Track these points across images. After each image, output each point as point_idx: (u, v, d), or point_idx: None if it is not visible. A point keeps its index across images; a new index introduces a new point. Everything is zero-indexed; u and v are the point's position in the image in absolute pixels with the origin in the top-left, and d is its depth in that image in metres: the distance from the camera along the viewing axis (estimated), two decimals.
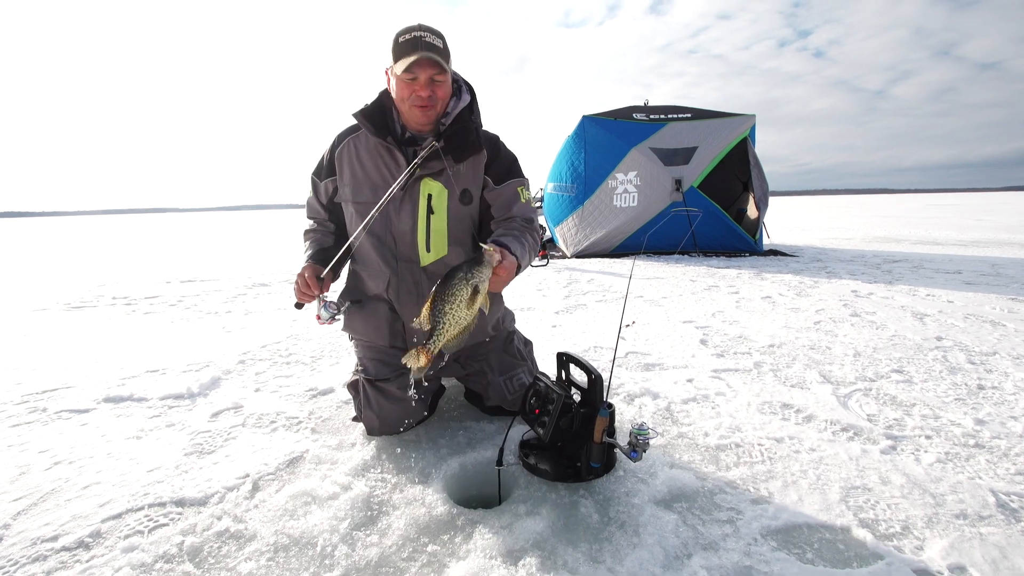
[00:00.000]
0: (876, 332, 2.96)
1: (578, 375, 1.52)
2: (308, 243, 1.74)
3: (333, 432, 1.80)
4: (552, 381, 1.54)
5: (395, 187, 1.52)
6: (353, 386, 1.73)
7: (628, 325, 2.46)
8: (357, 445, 1.68)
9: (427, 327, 1.23)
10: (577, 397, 1.52)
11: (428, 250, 1.63)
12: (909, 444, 1.64)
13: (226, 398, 2.14)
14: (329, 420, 1.90)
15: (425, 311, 1.22)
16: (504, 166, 1.63)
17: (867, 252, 7.12)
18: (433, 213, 1.61)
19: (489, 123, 1.73)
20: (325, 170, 1.70)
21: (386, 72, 1.53)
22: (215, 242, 12.62)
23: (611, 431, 1.39)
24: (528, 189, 1.70)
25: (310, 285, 1.52)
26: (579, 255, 6.96)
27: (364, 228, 1.54)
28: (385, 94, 1.60)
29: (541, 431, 1.42)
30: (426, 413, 1.77)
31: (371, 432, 1.67)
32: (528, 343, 1.94)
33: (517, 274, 1.41)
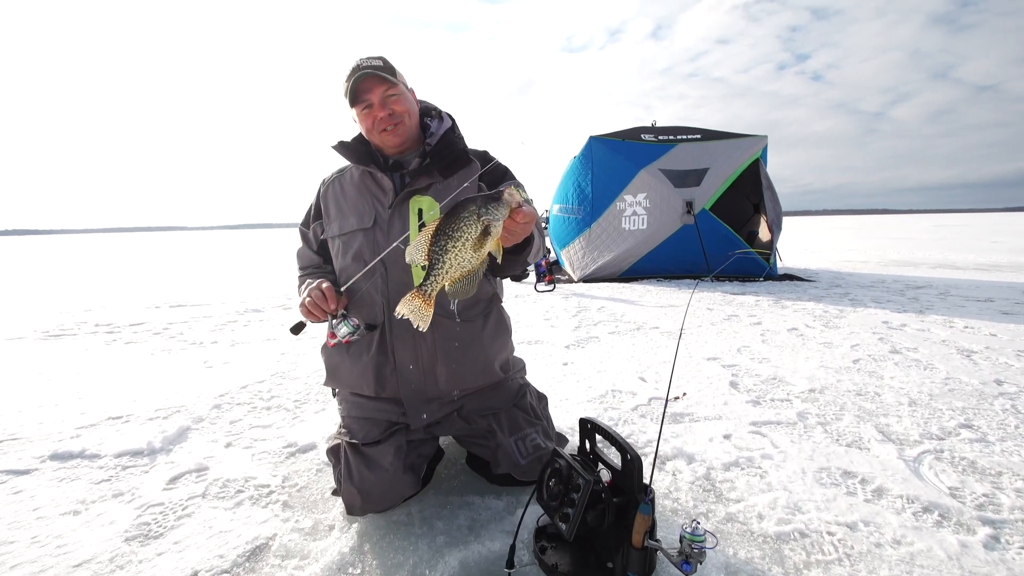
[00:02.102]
0: (926, 374, 2.65)
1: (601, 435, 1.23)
2: (308, 280, 1.50)
3: (308, 507, 1.50)
4: (574, 457, 1.25)
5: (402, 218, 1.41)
6: (334, 452, 1.44)
7: (677, 398, 2.13)
8: (335, 529, 1.38)
9: (421, 261, 1.02)
10: (603, 472, 1.23)
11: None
12: (1016, 535, 1.32)
13: (190, 456, 1.85)
14: (305, 489, 1.60)
15: (424, 244, 1.01)
16: (498, 173, 1.52)
17: (886, 277, 6.83)
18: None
19: (494, 146, 1.57)
20: (313, 216, 1.59)
21: (353, 120, 1.48)
22: (216, 262, 12.42)
23: (653, 529, 1.09)
24: (525, 193, 1.50)
25: (327, 297, 1.32)
26: (586, 279, 6.68)
27: (391, 249, 1.30)
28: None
29: (564, 526, 1.13)
30: (419, 487, 1.47)
31: (351, 512, 1.37)
32: (543, 398, 1.65)
33: (529, 251, 1.27)
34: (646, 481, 1.13)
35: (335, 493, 1.47)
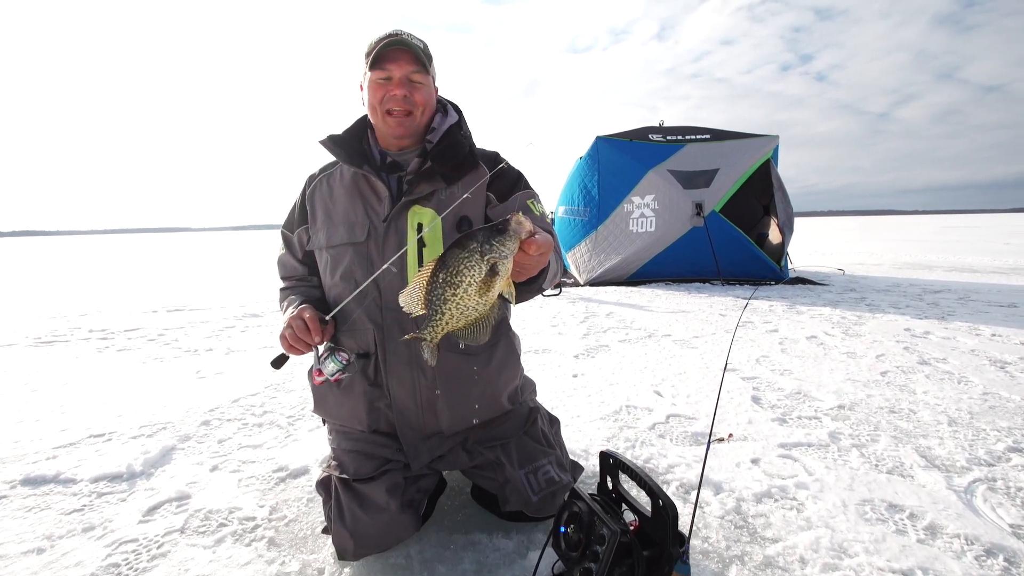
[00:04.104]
0: (961, 388, 2.48)
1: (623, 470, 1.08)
2: (291, 297, 1.35)
3: (296, 545, 1.35)
4: (594, 497, 1.09)
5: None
6: (323, 485, 1.29)
7: (722, 439, 1.95)
8: (324, 573, 1.23)
9: (413, 309, 0.86)
10: (627, 514, 1.08)
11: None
12: None
13: (172, 482, 1.70)
14: (294, 523, 1.45)
15: (419, 292, 0.86)
16: (509, 180, 1.35)
17: (902, 280, 6.64)
18: (426, 247, 1.24)
19: (500, 147, 1.45)
20: (297, 219, 1.41)
21: (360, 87, 1.30)
22: (219, 264, 12.32)
23: None
24: (540, 203, 1.34)
25: (310, 329, 1.16)
26: (593, 283, 6.53)
27: (382, 270, 1.15)
28: (361, 120, 1.37)
29: None
30: (419, 525, 1.32)
31: (343, 557, 1.22)
32: (555, 422, 1.49)
33: (545, 278, 1.12)
34: (682, 529, 0.98)
35: (325, 531, 1.32)
